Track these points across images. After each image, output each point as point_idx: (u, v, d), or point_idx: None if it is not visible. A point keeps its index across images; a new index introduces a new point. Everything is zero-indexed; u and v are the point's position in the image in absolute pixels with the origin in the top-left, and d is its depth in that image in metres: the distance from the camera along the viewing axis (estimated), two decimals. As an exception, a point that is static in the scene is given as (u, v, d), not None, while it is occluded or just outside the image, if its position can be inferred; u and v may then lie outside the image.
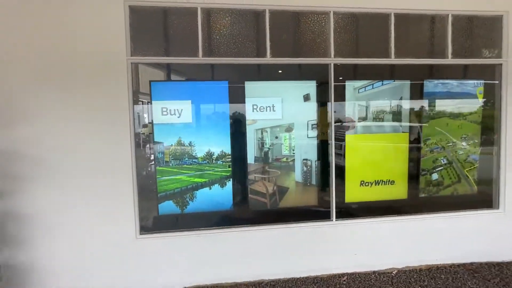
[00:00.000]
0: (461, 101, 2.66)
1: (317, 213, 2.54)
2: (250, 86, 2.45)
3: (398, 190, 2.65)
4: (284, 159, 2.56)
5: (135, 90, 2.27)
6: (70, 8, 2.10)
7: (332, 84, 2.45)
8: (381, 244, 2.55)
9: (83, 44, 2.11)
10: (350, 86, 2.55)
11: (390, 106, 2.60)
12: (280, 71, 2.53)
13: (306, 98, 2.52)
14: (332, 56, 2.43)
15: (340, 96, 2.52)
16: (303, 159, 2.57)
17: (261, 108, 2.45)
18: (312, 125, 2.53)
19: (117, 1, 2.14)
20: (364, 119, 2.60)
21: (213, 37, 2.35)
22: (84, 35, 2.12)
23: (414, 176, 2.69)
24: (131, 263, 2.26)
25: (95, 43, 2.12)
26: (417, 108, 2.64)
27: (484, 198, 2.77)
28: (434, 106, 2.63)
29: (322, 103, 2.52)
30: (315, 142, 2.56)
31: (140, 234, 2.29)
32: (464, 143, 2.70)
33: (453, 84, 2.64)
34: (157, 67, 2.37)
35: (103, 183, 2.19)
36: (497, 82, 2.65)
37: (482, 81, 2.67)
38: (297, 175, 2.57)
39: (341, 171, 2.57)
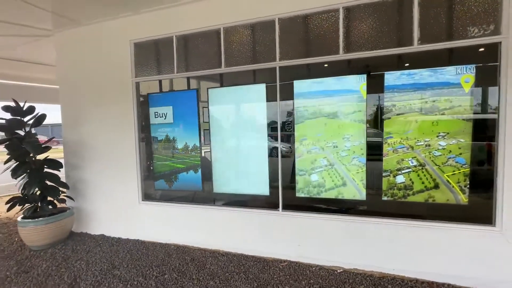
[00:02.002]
0: (437, 93, 2.25)
1: (269, 203, 2.83)
2: (212, 92, 2.99)
3: (353, 191, 2.55)
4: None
5: (139, 101, 3.27)
6: (101, 49, 3.28)
7: (278, 85, 2.66)
8: (329, 241, 2.58)
9: (107, 73, 3.26)
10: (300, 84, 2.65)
11: (345, 102, 2.52)
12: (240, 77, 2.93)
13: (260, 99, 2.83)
14: (278, 59, 2.63)
15: (288, 95, 2.68)
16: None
17: (222, 110, 2.95)
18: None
19: (125, 39, 3.15)
20: (318, 115, 2.63)
21: (187, 58, 3.03)
22: (107, 66, 3.26)
23: (373, 177, 2.51)
24: (136, 219, 3.31)
25: (113, 71, 3.23)
26: (375, 103, 2.44)
27: (476, 211, 2.26)
28: (399, 101, 2.35)
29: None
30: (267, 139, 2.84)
31: (142, 200, 3.30)
32: (442, 143, 2.28)
33: (422, 74, 2.27)
34: (153, 83, 3.27)
35: (121, 164, 3.31)
36: (482, 65, 2.09)
37: (473, 66, 2.16)
38: (251, 168, 2.93)
39: (293, 166, 2.74)
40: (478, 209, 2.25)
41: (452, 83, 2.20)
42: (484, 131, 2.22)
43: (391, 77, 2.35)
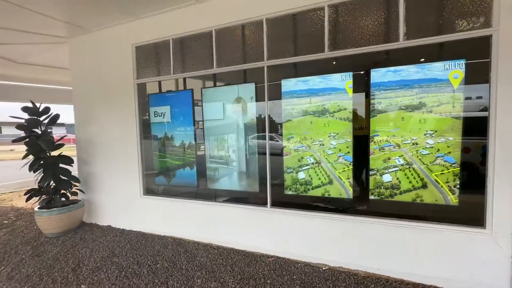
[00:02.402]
0: (424, 90, 2.18)
1: (257, 199, 2.89)
2: (206, 92, 3.11)
3: (339, 189, 2.54)
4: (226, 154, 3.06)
5: (141, 101, 3.47)
6: (107, 53, 3.52)
7: (266, 84, 2.71)
8: (315, 238, 2.60)
9: (112, 75, 3.50)
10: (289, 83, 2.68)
11: (330, 100, 2.52)
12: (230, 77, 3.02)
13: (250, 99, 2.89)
14: (266, 59, 2.68)
15: (277, 94, 2.72)
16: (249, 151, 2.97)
17: (213, 109, 3.07)
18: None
19: (127, 43, 3.37)
20: (305, 114, 2.65)
21: (182, 59, 3.17)
22: (112, 69, 3.49)
23: (360, 176, 2.49)
24: (138, 212, 3.53)
25: (117, 73, 3.46)
26: (361, 101, 2.41)
27: (466, 212, 2.17)
28: (385, 98, 2.31)
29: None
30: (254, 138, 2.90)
31: (143, 195, 3.52)
32: (430, 141, 2.21)
33: (409, 71, 2.21)
34: (153, 84, 3.46)
35: (125, 160, 3.55)
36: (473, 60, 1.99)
37: (462, 61, 2.07)
38: (241, 165, 3.02)
39: (281, 164, 2.78)
40: (469, 211, 2.16)
41: (440, 80, 2.12)
42: (475, 129, 2.12)
43: (377, 75, 2.32)
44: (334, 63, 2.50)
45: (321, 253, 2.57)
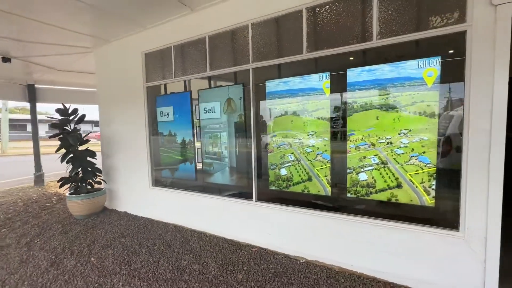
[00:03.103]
0: (398, 89, 2.16)
1: (245, 193, 3.09)
2: (202, 93, 3.38)
3: (318, 186, 2.62)
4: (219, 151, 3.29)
5: (150, 102, 3.89)
6: (122, 60, 4.00)
7: (252, 85, 2.88)
8: (295, 232, 2.72)
9: (127, 79, 3.97)
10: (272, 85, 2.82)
11: (309, 100, 2.60)
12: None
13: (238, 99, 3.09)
14: (251, 62, 2.85)
15: (261, 95, 2.88)
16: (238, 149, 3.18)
17: (208, 109, 3.33)
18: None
19: (137, 51, 3.79)
20: (286, 113, 2.77)
21: (183, 64, 3.49)
22: (127, 73, 3.96)
23: (337, 174, 2.54)
24: (147, 201, 3.98)
25: (130, 77, 3.92)
26: (338, 100, 2.45)
27: (442, 214, 2.11)
28: (360, 97, 2.33)
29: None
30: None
31: (152, 186, 3.95)
32: (404, 140, 2.18)
33: (383, 70, 2.20)
34: (159, 87, 3.85)
35: (137, 155, 4.01)
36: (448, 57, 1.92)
37: (437, 59, 2.01)
38: (232, 161, 3.24)
39: (265, 162, 2.94)
40: (445, 212, 2.10)
41: (414, 78, 2.09)
42: (451, 128, 2.05)
43: (352, 74, 2.34)
44: (312, 64, 2.57)
45: (300, 247, 2.69)
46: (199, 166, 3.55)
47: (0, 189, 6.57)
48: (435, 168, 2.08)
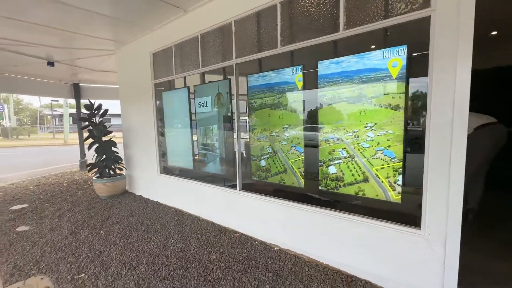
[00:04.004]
0: (364, 80, 2.09)
1: (232, 183, 3.29)
2: (197, 89, 3.63)
3: (293, 178, 2.68)
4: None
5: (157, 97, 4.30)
6: (135, 60, 4.47)
7: (236, 80, 3.02)
8: (271, 221, 2.84)
9: (139, 77, 4.44)
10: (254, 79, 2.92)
11: (284, 94, 2.64)
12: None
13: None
14: (234, 57, 2.98)
15: (245, 89, 3.00)
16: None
17: (202, 104, 3.57)
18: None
19: (146, 51, 4.20)
20: (264, 107, 2.85)
21: (181, 61, 3.78)
22: (139, 72, 4.42)
23: (309, 167, 2.56)
24: (156, 186, 4.45)
25: (142, 75, 4.37)
26: (309, 93, 2.46)
27: (406, 210, 2.03)
28: (329, 90, 2.30)
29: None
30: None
31: (160, 173, 4.40)
32: (370, 134, 2.12)
33: (350, 62, 2.14)
34: (164, 83, 4.22)
35: (148, 145, 4.49)
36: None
37: (403, 48, 1.90)
38: (222, 152, 3.45)
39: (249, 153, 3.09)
40: (410, 209, 2.02)
41: (379, 69, 2.01)
42: (415, 121, 1.94)
43: (321, 67, 2.33)
44: (287, 58, 2.60)
45: (275, 235, 2.81)
46: (196, 157, 3.85)
47: (56, 172, 7.87)
48: (401, 163, 2.00)
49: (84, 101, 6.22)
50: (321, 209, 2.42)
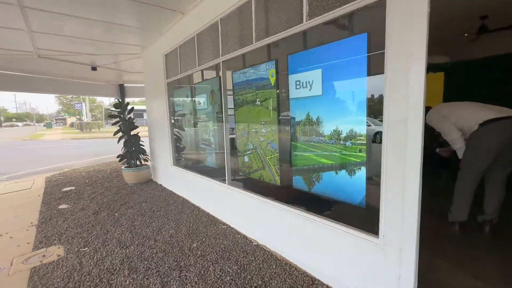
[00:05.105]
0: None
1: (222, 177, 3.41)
2: (197, 87, 3.82)
3: (269, 174, 2.66)
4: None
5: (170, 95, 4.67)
6: (153, 61, 4.91)
7: (223, 78, 3.10)
8: (253, 216, 2.88)
9: (156, 77, 4.87)
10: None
11: (260, 90, 2.61)
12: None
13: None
14: (221, 55, 3.06)
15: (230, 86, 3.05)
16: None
17: (200, 101, 3.76)
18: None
19: (160, 53, 4.58)
20: (244, 103, 2.86)
21: (185, 61, 4.01)
22: (155, 72, 4.85)
23: (282, 163, 2.50)
24: (170, 176, 4.89)
25: (157, 75, 4.78)
26: (281, 89, 2.38)
27: (368, 216, 1.85)
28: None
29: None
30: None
31: (172, 165, 4.81)
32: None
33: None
34: (176, 81, 4.54)
35: (163, 139, 4.94)
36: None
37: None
38: (216, 147, 3.58)
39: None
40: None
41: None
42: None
43: (291, 59, 2.24)
44: (262, 53, 2.55)
45: (255, 230, 2.84)
46: (198, 150, 4.09)
47: (107, 161, 9.22)
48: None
49: (129, 99, 7.11)
50: (290, 208, 2.36)
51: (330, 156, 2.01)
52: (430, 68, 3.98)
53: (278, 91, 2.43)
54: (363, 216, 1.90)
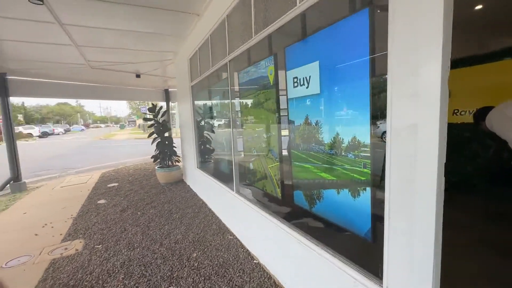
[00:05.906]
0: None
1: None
2: (213, 89, 3.72)
3: (270, 186, 2.33)
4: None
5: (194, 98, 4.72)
6: (181, 66, 5.04)
7: (229, 78, 2.90)
8: (254, 229, 2.60)
9: (183, 81, 4.99)
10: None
11: (260, 90, 2.31)
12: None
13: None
14: (228, 54, 2.86)
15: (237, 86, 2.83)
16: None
17: (215, 104, 3.63)
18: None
19: (185, 58, 4.66)
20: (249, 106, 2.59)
21: (204, 63, 3.97)
22: (183, 76, 4.97)
23: (283, 174, 2.14)
24: (194, 178, 4.94)
25: (184, 79, 4.89)
26: (280, 88, 2.03)
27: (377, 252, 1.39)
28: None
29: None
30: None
31: (196, 168, 4.85)
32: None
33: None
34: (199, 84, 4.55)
35: (189, 143, 5.03)
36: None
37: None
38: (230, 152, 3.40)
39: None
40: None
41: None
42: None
43: (288, 52, 1.88)
44: (262, 49, 2.25)
45: (257, 247, 2.56)
46: (218, 154, 3.99)
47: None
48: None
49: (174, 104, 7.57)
50: (284, 225, 2.01)
51: (331, 170, 1.60)
52: (498, 54, 3.01)
53: (275, 90, 2.10)
54: (369, 252, 1.44)
